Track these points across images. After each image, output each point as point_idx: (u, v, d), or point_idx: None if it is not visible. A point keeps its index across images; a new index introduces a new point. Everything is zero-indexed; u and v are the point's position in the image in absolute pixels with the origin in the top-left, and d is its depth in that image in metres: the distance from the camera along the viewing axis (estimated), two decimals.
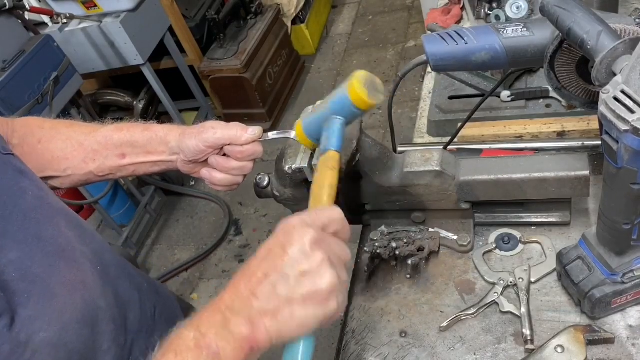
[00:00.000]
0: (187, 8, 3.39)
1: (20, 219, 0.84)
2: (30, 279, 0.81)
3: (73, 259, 0.89)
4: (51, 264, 0.84)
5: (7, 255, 0.79)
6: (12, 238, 0.81)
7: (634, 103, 0.63)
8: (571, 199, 1.00)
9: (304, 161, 0.90)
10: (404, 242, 1.03)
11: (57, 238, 0.87)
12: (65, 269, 0.86)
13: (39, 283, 0.82)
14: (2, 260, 0.78)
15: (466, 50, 0.87)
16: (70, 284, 0.86)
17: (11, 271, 0.79)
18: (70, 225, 0.92)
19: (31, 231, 0.84)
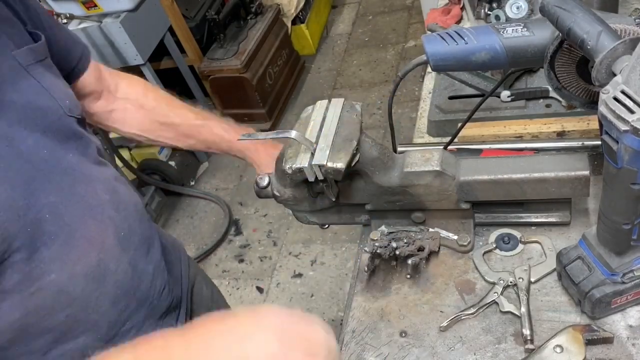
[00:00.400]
0: (187, 8, 3.39)
1: (61, 172, 0.93)
2: (59, 224, 0.89)
3: (99, 219, 0.97)
4: (81, 216, 0.94)
5: (47, 197, 0.88)
6: (54, 185, 0.90)
7: (634, 103, 0.63)
8: (571, 199, 1.00)
9: (304, 161, 0.90)
10: (404, 242, 1.03)
11: (88, 197, 0.96)
12: (91, 226, 0.95)
13: (66, 230, 0.90)
14: (42, 200, 0.87)
15: (466, 50, 0.87)
16: (90, 240, 0.95)
17: (46, 212, 0.87)
18: (106, 189, 1.01)
19: (68, 184, 0.93)
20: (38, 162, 0.89)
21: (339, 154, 0.90)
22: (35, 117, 0.92)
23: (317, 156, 0.90)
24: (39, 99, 0.94)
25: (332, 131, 0.93)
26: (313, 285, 2.65)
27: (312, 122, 0.96)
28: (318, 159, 0.90)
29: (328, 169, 0.89)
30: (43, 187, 0.88)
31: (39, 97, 0.94)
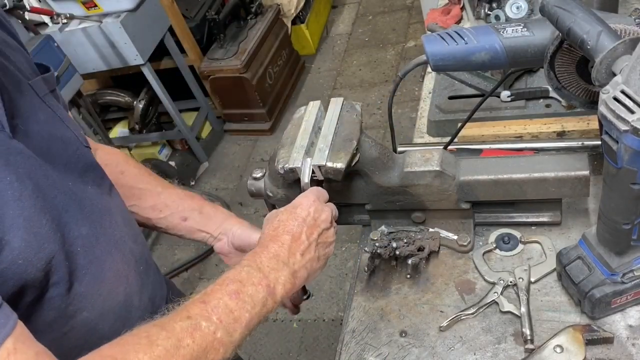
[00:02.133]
0: (187, 8, 3.39)
1: (88, 204, 0.91)
2: (90, 257, 0.87)
3: (124, 252, 0.96)
4: (108, 250, 0.92)
5: (79, 229, 0.86)
6: (84, 216, 0.88)
7: (634, 103, 0.63)
8: (561, 199, 1.00)
9: (297, 161, 0.90)
10: (404, 242, 1.03)
11: (114, 229, 0.95)
12: (118, 260, 0.94)
13: (96, 264, 0.88)
14: (74, 232, 0.85)
15: (466, 50, 0.87)
16: (117, 275, 0.93)
17: (78, 245, 0.85)
18: (125, 222, 1.01)
19: (95, 216, 0.92)
20: (69, 193, 0.87)
21: (339, 153, 0.90)
22: (58, 149, 0.90)
23: (317, 156, 0.90)
24: (58, 130, 0.92)
25: (331, 131, 0.93)
26: (313, 285, 2.65)
27: (305, 123, 0.96)
28: (318, 159, 0.90)
29: (328, 168, 0.89)
30: (75, 218, 0.86)
31: (57, 129, 0.92)
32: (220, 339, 0.76)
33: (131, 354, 0.70)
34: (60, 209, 0.83)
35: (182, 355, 0.72)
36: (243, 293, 0.80)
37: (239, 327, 0.78)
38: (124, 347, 0.72)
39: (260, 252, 0.85)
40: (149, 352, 0.70)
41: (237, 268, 0.83)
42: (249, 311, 0.79)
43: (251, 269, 0.82)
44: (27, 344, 0.69)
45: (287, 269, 0.84)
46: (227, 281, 0.81)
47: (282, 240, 0.86)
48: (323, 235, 0.88)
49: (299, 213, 0.87)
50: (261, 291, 0.81)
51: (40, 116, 0.90)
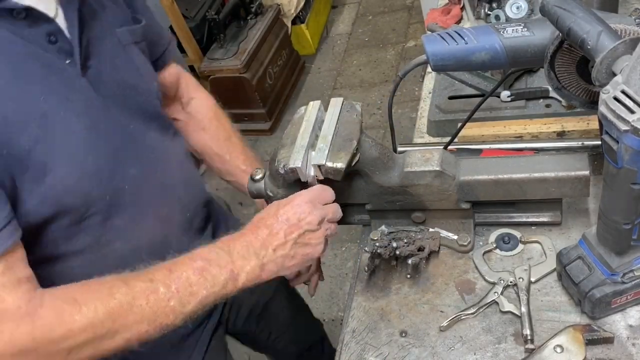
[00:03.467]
0: (187, 8, 3.39)
1: (144, 147, 0.99)
2: (135, 196, 0.96)
3: (170, 197, 1.04)
4: (155, 193, 1.00)
5: (130, 170, 0.95)
6: (138, 159, 0.97)
7: (634, 103, 0.63)
8: (562, 199, 1.00)
9: (297, 161, 0.90)
10: (404, 242, 1.03)
11: (165, 175, 1.03)
12: (162, 203, 1.02)
13: (139, 204, 0.97)
14: (126, 171, 0.94)
15: (466, 50, 0.87)
16: (159, 216, 1.01)
17: (127, 183, 0.94)
18: (180, 170, 1.09)
19: (149, 160, 1.00)
20: (127, 135, 0.95)
21: (339, 153, 0.90)
22: (128, 95, 0.98)
23: (317, 156, 0.90)
24: (133, 77, 1.00)
25: (331, 131, 0.93)
26: None
27: (305, 123, 0.96)
28: (318, 159, 0.90)
29: (328, 168, 0.89)
30: (128, 159, 0.94)
31: (132, 76, 1.00)
32: (173, 307, 0.82)
33: (90, 301, 0.78)
34: (114, 148, 0.92)
35: (133, 312, 0.80)
36: (207, 272, 0.85)
37: (194, 300, 0.84)
38: (87, 292, 0.80)
39: (236, 238, 0.90)
40: (105, 302, 0.79)
41: (210, 247, 0.88)
42: (207, 289, 0.85)
43: (222, 252, 0.87)
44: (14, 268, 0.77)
45: (256, 260, 0.88)
46: (197, 257, 0.86)
47: (259, 233, 0.89)
48: (305, 237, 0.89)
49: (285, 211, 0.90)
50: (224, 274, 0.86)
51: (117, 62, 0.97)
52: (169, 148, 1.07)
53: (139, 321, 0.81)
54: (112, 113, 0.93)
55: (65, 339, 0.77)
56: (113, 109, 0.93)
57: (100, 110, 0.91)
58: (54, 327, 0.76)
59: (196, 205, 1.12)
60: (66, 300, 0.78)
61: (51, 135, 0.82)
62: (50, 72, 0.85)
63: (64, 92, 0.85)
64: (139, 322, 0.81)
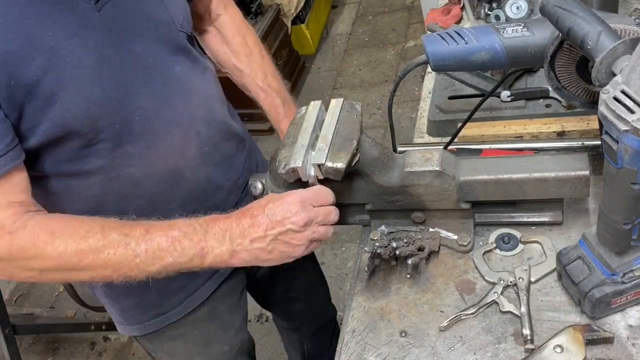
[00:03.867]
0: None
1: (161, 82, 1.02)
2: (146, 128, 1.00)
3: (186, 132, 1.07)
4: (168, 126, 1.03)
5: (139, 102, 0.98)
6: (150, 92, 1.00)
7: (634, 103, 0.63)
8: (563, 199, 1.00)
9: (298, 161, 0.90)
10: (404, 242, 1.03)
11: (182, 110, 1.05)
12: (176, 137, 1.05)
13: (150, 134, 1.01)
14: (134, 103, 0.98)
15: (466, 50, 0.87)
16: (172, 149, 1.05)
17: (136, 115, 0.98)
18: (202, 106, 1.11)
19: (165, 95, 1.02)
20: (140, 68, 0.98)
21: (339, 153, 0.90)
22: (148, 27, 1.00)
23: (317, 156, 0.90)
24: (155, 10, 1.01)
25: (331, 131, 0.93)
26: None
27: (306, 123, 0.96)
28: (318, 159, 0.90)
29: (328, 168, 0.89)
30: (138, 92, 0.97)
31: (154, 9, 1.01)
32: (137, 264, 0.89)
33: (65, 237, 0.87)
34: (125, 82, 0.96)
35: (100, 257, 0.88)
36: (178, 242, 0.90)
37: (158, 263, 0.90)
38: (66, 228, 0.89)
39: (219, 220, 0.92)
40: (78, 242, 0.87)
41: (192, 221, 0.92)
42: (174, 257, 0.90)
43: (199, 228, 0.91)
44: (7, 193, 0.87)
45: (229, 245, 0.90)
46: (175, 227, 0.91)
47: (243, 221, 0.91)
48: (286, 235, 0.90)
49: (273, 206, 0.91)
50: (194, 249, 0.90)
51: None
52: (193, 83, 1.08)
53: (103, 266, 0.88)
54: (128, 47, 0.96)
55: (36, 261, 0.88)
56: (130, 43, 0.96)
57: (113, 45, 0.94)
58: (27, 249, 0.86)
59: (216, 142, 1.14)
60: (45, 230, 0.87)
61: (59, 67, 0.88)
62: (61, 9, 0.89)
63: (74, 27, 0.90)
64: (103, 267, 0.89)
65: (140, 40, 0.99)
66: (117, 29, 0.95)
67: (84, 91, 0.91)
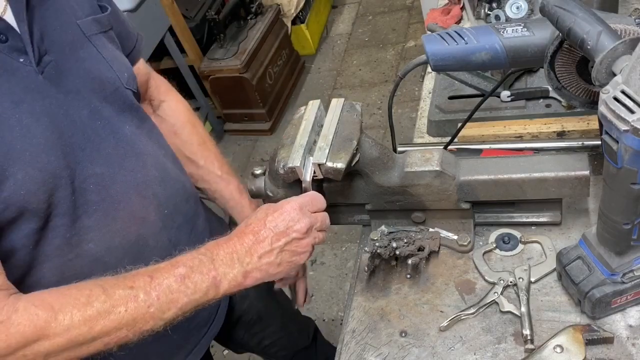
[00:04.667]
0: (187, 8, 3.39)
1: (113, 144, 0.95)
2: (103, 195, 0.93)
3: (144, 195, 1.00)
4: (125, 191, 0.96)
5: (93, 168, 0.91)
6: (103, 156, 0.93)
7: (634, 103, 0.63)
8: (562, 199, 1.00)
9: (297, 160, 0.90)
10: (404, 242, 1.03)
11: (137, 172, 0.99)
12: (135, 201, 0.98)
13: (109, 202, 0.94)
14: (88, 170, 0.90)
15: (466, 50, 0.87)
16: (132, 215, 0.98)
17: (91, 182, 0.91)
18: (155, 166, 1.04)
19: (118, 157, 0.96)
20: (91, 132, 0.91)
21: (339, 153, 0.90)
22: (93, 87, 0.93)
23: (317, 155, 0.90)
24: (98, 69, 0.96)
25: (332, 131, 0.93)
26: (313, 285, 2.65)
27: (304, 122, 0.96)
28: (318, 158, 0.90)
29: (328, 168, 0.89)
30: (91, 157, 0.91)
31: (98, 67, 0.95)
32: (152, 314, 0.82)
33: (67, 308, 0.78)
34: (76, 148, 0.88)
35: (111, 319, 0.79)
36: (189, 279, 0.84)
37: (174, 307, 0.83)
38: (65, 299, 0.79)
39: (221, 245, 0.88)
40: (82, 310, 0.78)
41: (193, 254, 0.87)
42: (188, 296, 0.84)
43: (204, 259, 0.86)
44: None
45: (240, 267, 0.86)
46: (180, 264, 0.85)
47: (245, 239, 0.87)
48: (292, 244, 0.87)
49: (273, 218, 0.87)
50: (206, 281, 0.84)
51: (80, 54, 0.93)
52: (145, 144, 1.02)
53: (118, 327, 0.80)
54: (76, 109, 0.89)
55: (41, 344, 0.77)
56: (77, 105, 0.90)
57: (61, 108, 0.87)
58: (27, 334, 0.75)
59: (176, 203, 1.07)
60: (42, 306, 0.77)
61: (8, 138, 0.79)
62: (2, 73, 0.81)
63: (19, 93, 0.82)
64: (118, 329, 0.80)
65: (87, 101, 0.92)
66: (62, 91, 0.88)
67: (39, 162, 0.82)
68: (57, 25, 0.91)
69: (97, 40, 0.97)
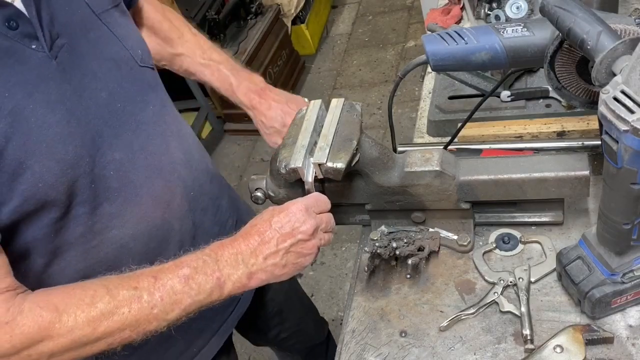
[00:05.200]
0: (187, 8, 3.39)
1: (133, 127, 0.92)
2: (124, 181, 0.90)
3: (169, 179, 0.97)
4: (148, 175, 0.93)
5: (112, 154, 0.88)
6: (123, 141, 0.90)
7: (634, 103, 0.63)
8: (564, 199, 1.00)
9: (298, 161, 0.90)
10: (404, 242, 1.03)
11: (161, 155, 0.96)
12: (159, 186, 0.95)
13: (131, 188, 0.91)
14: (107, 157, 0.87)
15: (466, 50, 0.87)
16: (157, 200, 0.95)
17: (111, 169, 0.88)
18: (180, 147, 1.01)
19: (140, 141, 0.93)
20: (109, 116, 0.88)
21: (339, 153, 0.90)
22: (109, 69, 0.90)
23: (317, 155, 0.90)
24: (112, 49, 0.92)
25: (332, 131, 0.93)
26: (313, 285, 2.65)
27: (306, 123, 0.96)
28: (318, 158, 0.90)
29: (328, 168, 0.89)
30: (110, 143, 0.88)
31: (111, 48, 0.92)
32: (156, 315, 0.81)
33: (71, 308, 0.77)
34: (94, 134, 0.85)
35: (115, 320, 0.79)
36: (192, 280, 0.82)
37: (177, 308, 0.82)
38: (70, 299, 0.78)
39: (226, 245, 0.86)
40: (87, 311, 0.77)
41: (197, 254, 0.85)
42: (192, 297, 0.83)
43: (209, 259, 0.84)
44: None
45: (244, 268, 0.85)
46: (184, 264, 0.83)
47: (251, 240, 0.86)
48: (298, 246, 0.87)
49: (279, 219, 0.87)
50: (210, 282, 0.83)
51: (91, 35, 0.90)
52: (167, 123, 0.99)
53: (121, 328, 0.80)
54: (93, 93, 0.86)
55: (45, 344, 0.77)
56: (94, 88, 0.87)
57: (77, 94, 0.84)
58: (32, 335, 0.75)
59: (202, 184, 1.06)
60: (47, 307, 0.77)
61: (23, 130, 0.77)
62: (13, 62, 0.78)
63: (32, 82, 0.79)
64: (121, 329, 0.80)
65: (104, 83, 0.88)
66: (77, 75, 0.85)
67: (56, 154, 0.80)
68: (66, 6, 0.87)
69: (108, 17, 0.93)
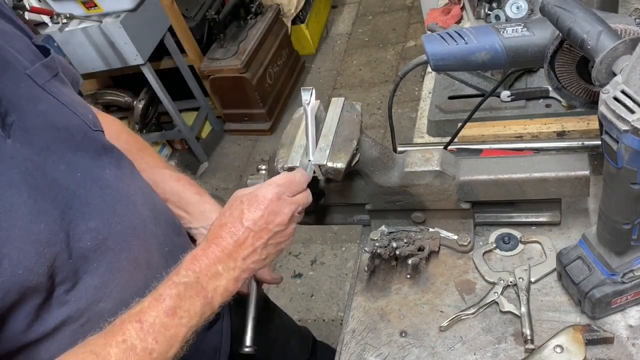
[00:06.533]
0: (187, 8, 3.39)
1: (99, 193, 0.87)
2: (103, 249, 0.85)
3: (143, 238, 0.93)
4: (124, 239, 0.89)
5: (87, 223, 0.83)
6: (93, 209, 0.85)
7: (634, 103, 0.63)
8: (561, 199, 1.00)
9: (296, 160, 0.90)
10: (404, 242, 1.03)
11: (131, 215, 0.92)
12: (135, 247, 0.91)
13: (110, 255, 0.86)
14: (81, 227, 0.82)
15: (466, 50, 0.87)
16: (136, 262, 0.91)
17: (87, 239, 0.83)
18: (145, 204, 0.97)
19: (108, 205, 0.88)
20: (74, 187, 0.83)
21: (339, 153, 0.90)
22: (63, 139, 0.86)
23: (317, 156, 0.90)
24: (62, 118, 0.88)
25: (332, 131, 0.93)
26: (313, 285, 2.65)
27: (304, 122, 0.96)
28: (318, 159, 0.90)
29: (328, 168, 0.89)
30: (82, 213, 0.83)
31: (61, 117, 0.88)
32: (156, 358, 0.75)
33: None
34: (64, 207, 0.80)
35: None
36: (180, 309, 0.77)
37: (176, 342, 0.77)
38: None
39: (199, 258, 0.81)
40: None
41: (174, 279, 0.79)
42: (186, 325, 0.78)
43: (189, 281, 0.79)
44: None
45: (227, 275, 0.82)
46: (164, 296, 0.77)
47: (224, 244, 0.82)
48: (275, 238, 0.84)
49: (250, 215, 0.82)
50: (198, 303, 0.79)
51: (40, 107, 0.85)
52: (129, 184, 0.96)
53: None
54: (52, 167, 0.82)
55: None
56: (52, 162, 0.82)
57: (39, 170, 0.79)
58: None
59: (172, 238, 1.02)
60: None
61: None
62: None
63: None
64: None
65: (61, 155, 0.84)
66: (35, 151, 0.80)
67: (30, 235, 0.74)
68: (8, 81, 0.82)
69: (52, 87, 0.89)
